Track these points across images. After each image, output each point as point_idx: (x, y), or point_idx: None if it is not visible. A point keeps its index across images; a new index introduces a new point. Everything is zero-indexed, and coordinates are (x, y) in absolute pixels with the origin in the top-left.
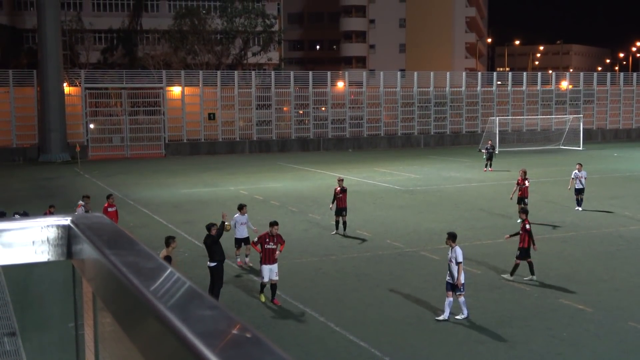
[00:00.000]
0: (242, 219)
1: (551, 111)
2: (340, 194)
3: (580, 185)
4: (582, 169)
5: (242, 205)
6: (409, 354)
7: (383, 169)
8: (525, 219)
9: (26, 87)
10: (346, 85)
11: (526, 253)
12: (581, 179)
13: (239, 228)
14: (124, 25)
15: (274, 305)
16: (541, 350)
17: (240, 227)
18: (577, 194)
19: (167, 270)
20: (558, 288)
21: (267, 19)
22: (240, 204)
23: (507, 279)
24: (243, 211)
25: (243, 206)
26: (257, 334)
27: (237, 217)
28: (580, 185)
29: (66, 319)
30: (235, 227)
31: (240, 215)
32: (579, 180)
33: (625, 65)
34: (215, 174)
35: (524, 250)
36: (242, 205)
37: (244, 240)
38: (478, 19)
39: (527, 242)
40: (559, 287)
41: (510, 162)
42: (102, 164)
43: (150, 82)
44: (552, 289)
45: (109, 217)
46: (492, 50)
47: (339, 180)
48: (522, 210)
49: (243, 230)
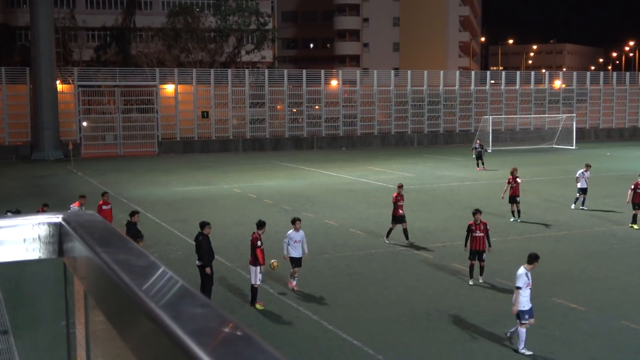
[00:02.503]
0: (297, 235)
1: (544, 110)
2: (401, 201)
3: (584, 185)
4: (589, 169)
5: (296, 220)
6: (402, 352)
7: (376, 167)
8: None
9: (19, 85)
10: (340, 83)
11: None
12: (586, 178)
13: (293, 246)
14: (118, 23)
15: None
16: (534, 349)
17: (294, 245)
18: (581, 193)
19: (158, 269)
20: (551, 287)
21: (261, 17)
22: (294, 218)
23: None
24: (297, 226)
25: (296, 220)
26: (248, 332)
27: (291, 234)
28: (584, 184)
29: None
30: (289, 245)
31: (294, 232)
32: (584, 180)
33: (618, 64)
34: (209, 172)
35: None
36: (296, 219)
37: (298, 260)
38: (472, 18)
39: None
40: (552, 285)
41: (503, 161)
42: (95, 162)
43: (144, 80)
44: (545, 288)
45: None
46: (485, 49)
47: (398, 186)
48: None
49: (298, 249)
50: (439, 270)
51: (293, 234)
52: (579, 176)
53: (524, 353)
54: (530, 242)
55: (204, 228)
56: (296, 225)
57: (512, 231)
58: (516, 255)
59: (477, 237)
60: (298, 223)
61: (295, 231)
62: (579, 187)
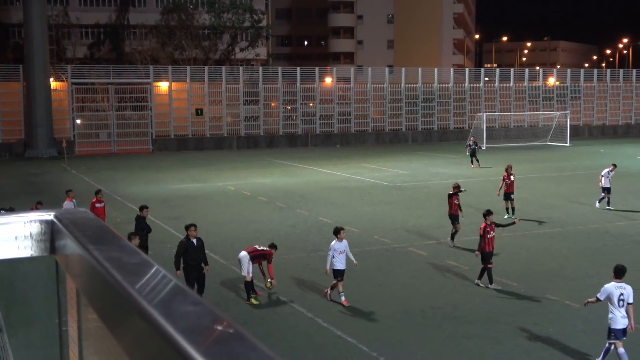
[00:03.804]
0: (341, 246)
1: (538, 107)
2: (458, 200)
3: (607, 184)
4: (614, 169)
5: (339, 229)
6: (397, 349)
7: (371, 165)
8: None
9: (12, 82)
10: (334, 81)
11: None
12: (609, 178)
13: (337, 257)
14: (111, 20)
15: (257, 296)
16: (528, 346)
17: (338, 256)
18: (606, 193)
19: (150, 266)
20: (545, 284)
21: (255, 15)
22: (337, 227)
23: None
24: (341, 236)
25: (340, 230)
26: (240, 330)
27: (335, 245)
28: (607, 183)
29: (52, 315)
30: (334, 257)
31: (338, 242)
32: (608, 179)
33: (612, 62)
34: (203, 169)
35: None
36: (339, 229)
37: (342, 273)
38: (466, 15)
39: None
40: (546, 282)
41: (497, 158)
42: (89, 160)
43: (138, 77)
44: (539, 285)
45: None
46: (479, 47)
47: (454, 186)
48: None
49: (342, 260)
50: (434, 268)
51: (337, 245)
52: (604, 175)
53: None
54: (524, 239)
55: (189, 229)
56: (340, 235)
57: (506, 228)
58: (509, 253)
59: (491, 239)
60: (342, 233)
61: (339, 241)
62: (602, 187)
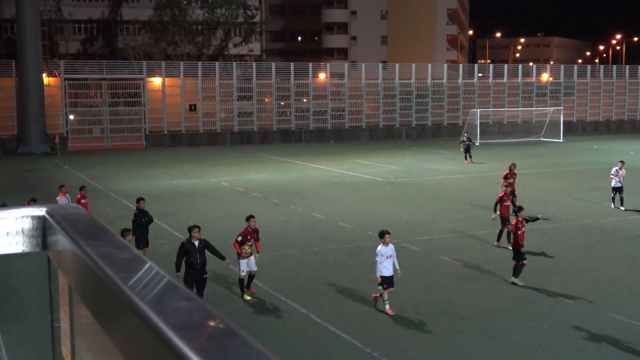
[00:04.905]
0: (387, 250)
1: (532, 103)
2: (507, 201)
3: (619, 184)
4: (623, 167)
5: (384, 233)
6: (391, 345)
7: (365, 160)
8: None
9: (5, 78)
10: (328, 76)
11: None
12: (621, 177)
13: (383, 263)
14: (104, 16)
15: (251, 292)
16: (522, 341)
17: (385, 261)
18: (617, 192)
19: (142, 262)
20: (538, 279)
21: (249, 10)
22: (382, 230)
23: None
24: (387, 240)
25: (385, 233)
26: (232, 325)
27: (382, 250)
28: (619, 183)
29: (44, 311)
30: (380, 263)
31: (384, 247)
32: (617, 178)
33: (605, 57)
34: (197, 165)
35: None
36: (385, 232)
37: (391, 279)
38: (460, 11)
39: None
40: (539, 278)
41: (491, 154)
42: (82, 156)
43: (131, 73)
44: (533, 280)
45: None
46: (473, 43)
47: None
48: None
49: (389, 266)
50: (427, 263)
51: (384, 250)
52: (614, 174)
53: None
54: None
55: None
56: (385, 238)
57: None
58: (504, 249)
59: (522, 234)
60: (387, 236)
61: (385, 245)
62: (612, 186)
